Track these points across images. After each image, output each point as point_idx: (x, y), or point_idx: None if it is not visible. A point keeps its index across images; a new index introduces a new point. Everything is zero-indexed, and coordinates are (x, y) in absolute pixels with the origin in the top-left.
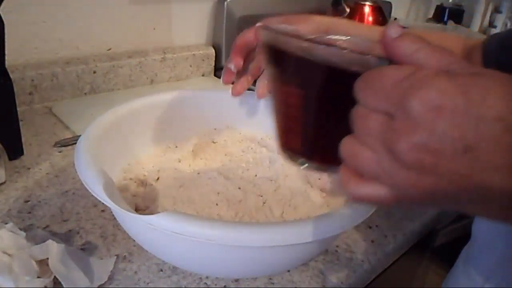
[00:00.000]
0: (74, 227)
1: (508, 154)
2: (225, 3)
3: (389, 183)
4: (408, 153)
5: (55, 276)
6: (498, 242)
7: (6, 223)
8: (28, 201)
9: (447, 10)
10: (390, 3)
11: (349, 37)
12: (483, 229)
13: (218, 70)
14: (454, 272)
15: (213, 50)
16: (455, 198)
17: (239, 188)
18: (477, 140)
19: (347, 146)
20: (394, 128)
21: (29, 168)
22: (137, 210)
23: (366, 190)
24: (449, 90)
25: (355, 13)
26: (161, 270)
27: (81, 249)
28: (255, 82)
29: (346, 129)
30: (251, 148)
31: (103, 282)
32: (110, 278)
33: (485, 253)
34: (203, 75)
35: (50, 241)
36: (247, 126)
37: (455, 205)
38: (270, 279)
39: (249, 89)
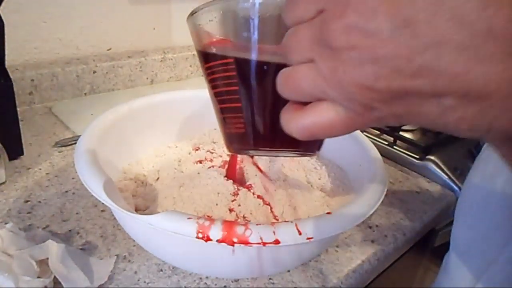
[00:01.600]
0: (74, 227)
1: (452, 22)
2: None
3: (330, 94)
4: (340, 36)
5: (55, 276)
6: (476, 250)
7: (6, 223)
8: (28, 201)
9: None
10: None
11: None
12: (461, 237)
13: None
14: (439, 281)
15: None
16: (402, 94)
17: (239, 188)
18: (414, 12)
19: (282, 78)
20: (324, 18)
21: (29, 168)
22: (137, 210)
23: (311, 118)
24: None
25: None
26: (161, 270)
27: (81, 249)
28: None
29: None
30: None
31: (103, 282)
32: (110, 278)
33: (465, 262)
34: (203, 75)
35: (50, 241)
36: None
37: (405, 107)
38: (270, 279)
39: None
